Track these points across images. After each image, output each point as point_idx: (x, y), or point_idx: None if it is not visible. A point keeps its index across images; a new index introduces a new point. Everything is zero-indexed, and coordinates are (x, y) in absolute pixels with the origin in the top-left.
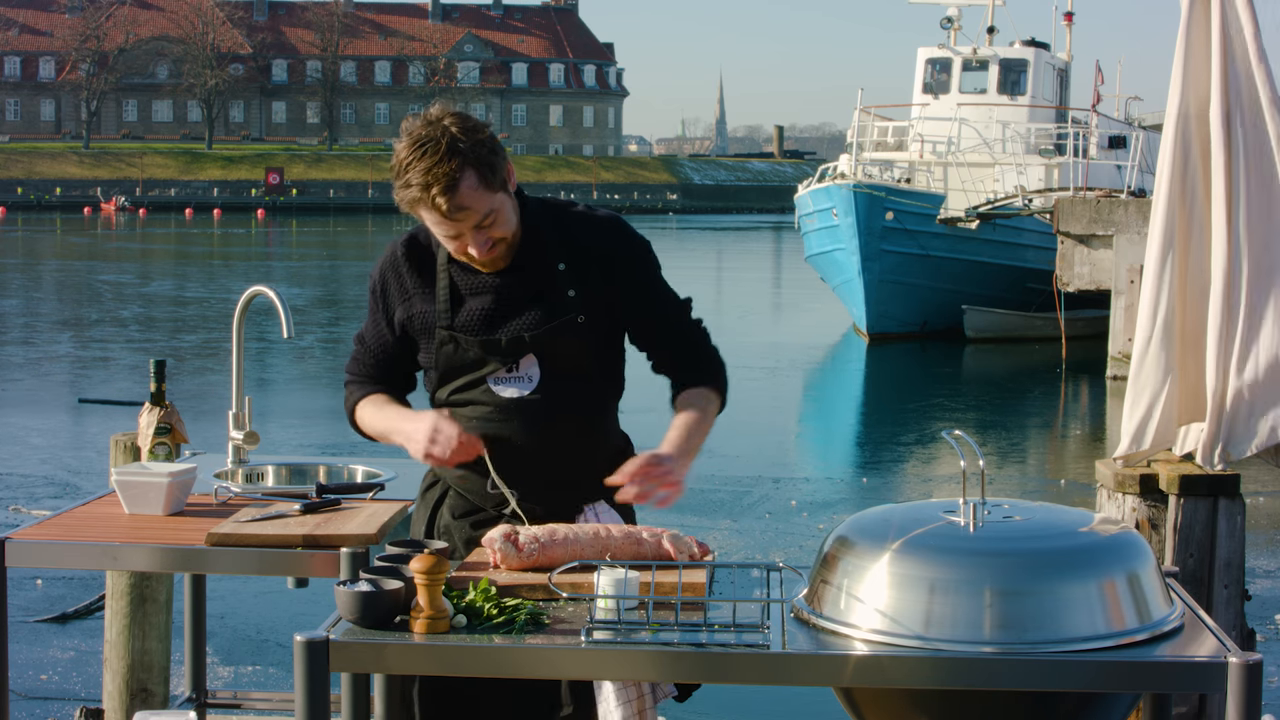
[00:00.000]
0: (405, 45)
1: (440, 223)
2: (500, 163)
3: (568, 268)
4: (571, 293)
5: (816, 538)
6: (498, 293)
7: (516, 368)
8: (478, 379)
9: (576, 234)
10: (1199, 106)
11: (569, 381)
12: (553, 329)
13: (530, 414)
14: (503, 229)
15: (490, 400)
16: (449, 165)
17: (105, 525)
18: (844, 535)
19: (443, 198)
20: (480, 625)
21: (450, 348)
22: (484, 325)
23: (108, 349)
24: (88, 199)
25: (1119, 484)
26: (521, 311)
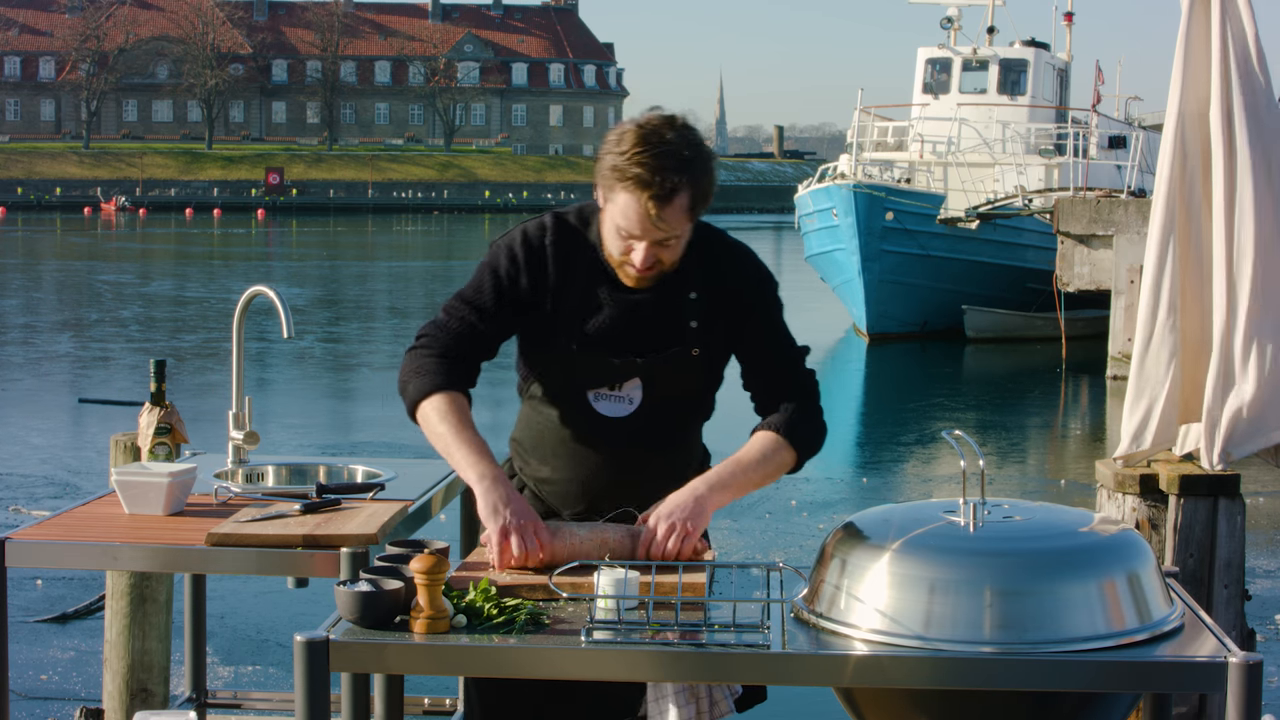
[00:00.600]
0: (405, 45)
1: (634, 220)
2: (705, 202)
3: (698, 297)
4: (694, 324)
5: (816, 538)
6: (623, 309)
7: (619, 388)
8: (579, 390)
9: (713, 259)
10: (1199, 106)
11: (668, 410)
12: (666, 359)
13: (623, 435)
14: (672, 255)
15: (586, 415)
16: (679, 178)
17: (105, 525)
18: (844, 535)
19: (654, 203)
20: (480, 625)
21: (561, 349)
22: (600, 340)
23: (108, 349)
24: (88, 199)
25: (1119, 484)
26: (641, 334)
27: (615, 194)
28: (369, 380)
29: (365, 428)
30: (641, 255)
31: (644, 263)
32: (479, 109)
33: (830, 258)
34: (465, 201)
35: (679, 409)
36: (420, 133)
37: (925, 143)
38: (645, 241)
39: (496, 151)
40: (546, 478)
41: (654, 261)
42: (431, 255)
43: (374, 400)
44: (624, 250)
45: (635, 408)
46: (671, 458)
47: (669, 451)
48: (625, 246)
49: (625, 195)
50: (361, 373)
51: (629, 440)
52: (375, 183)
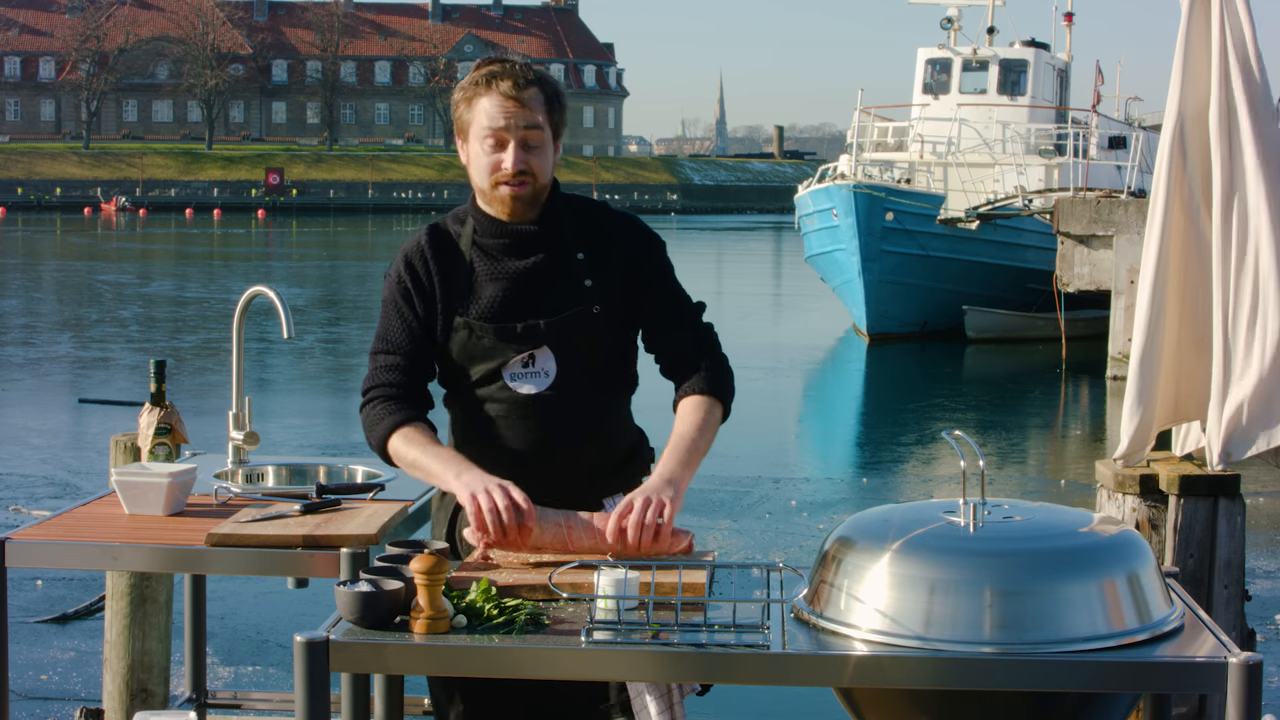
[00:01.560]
0: (405, 45)
1: (495, 113)
2: (560, 108)
3: (586, 257)
4: (588, 282)
5: (816, 538)
6: (515, 279)
7: (533, 362)
8: (493, 372)
9: (597, 225)
10: (1199, 107)
11: (586, 377)
12: (569, 317)
13: (549, 410)
14: (539, 164)
15: (508, 397)
16: (527, 72)
17: (105, 525)
18: (844, 535)
19: (508, 81)
20: (480, 625)
21: (464, 334)
22: (500, 313)
23: (108, 349)
24: (88, 199)
25: (1119, 484)
26: (538, 299)
27: (474, 109)
28: None
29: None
30: (511, 157)
31: (515, 164)
32: None
33: (830, 258)
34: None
35: (597, 375)
36: (420, 133)
37: (925, 143)
38: (513, 140)
39: None
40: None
41: (524, 166)
42: None
43: None
44: (493, 167)
45: (553, 378)
46: (602, 425)
47: (599, 420)
48: (494, 162)
49: (482, 99)
50: (361, 373)
51: (552, 413)
52: (375, 183)
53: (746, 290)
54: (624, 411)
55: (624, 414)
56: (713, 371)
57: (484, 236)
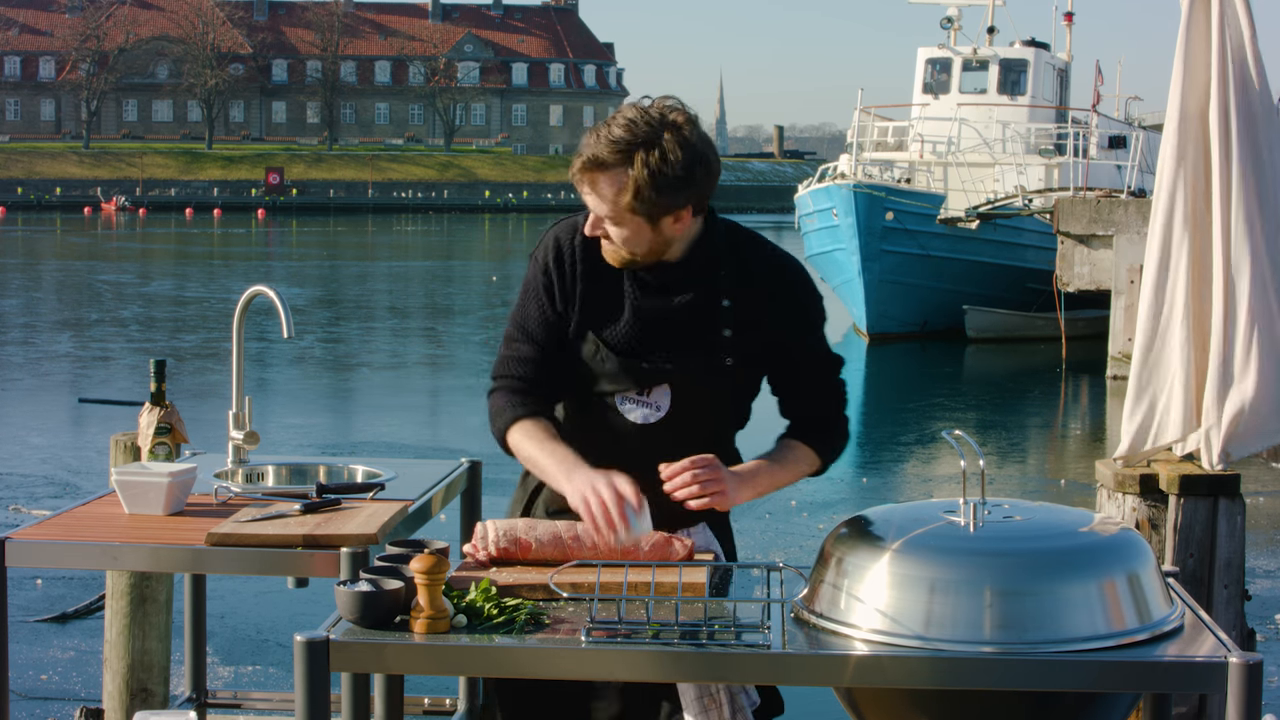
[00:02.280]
0: (405, 45)
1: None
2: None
3: (732, 305)
4: (728, 332)
5: (816, 538)
6: (655, 316)
7: (648, 393)
8: (605, 394)
9: (752, 270)
10: (1199, 107)
11: (698, 415)
12: (697, 364)
13: (651, 441)
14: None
15: (613, 422)
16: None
17: (105, 525)
18: (844, 535)
19: (582, 172)
20: (480, 625)
21: (591, 349)
22: (631, 345)
23: (108, 349)
24: (88, 199)
25: (1119, 484)
26: (673, 339)
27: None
28: (369, 380)
29: (365, 428)
30: (590, 222)
31: (590, 227)
32: (479, 109)
33: (830, 258)
34: (465, 201)
35: (709, 416)
36: (420, 133)
37: (925, 143)
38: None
39: (496, 151)
40: None
41: (599, 231)
42: (431, 255)
43: (374, 400)
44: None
45: (664, 414)
46: None
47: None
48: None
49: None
50: (361, 373)
51: (656, 446)
52: (375, 183)
53: None
54: (729, 443)
55: (728, 446)
56: (828, 427)
57: None
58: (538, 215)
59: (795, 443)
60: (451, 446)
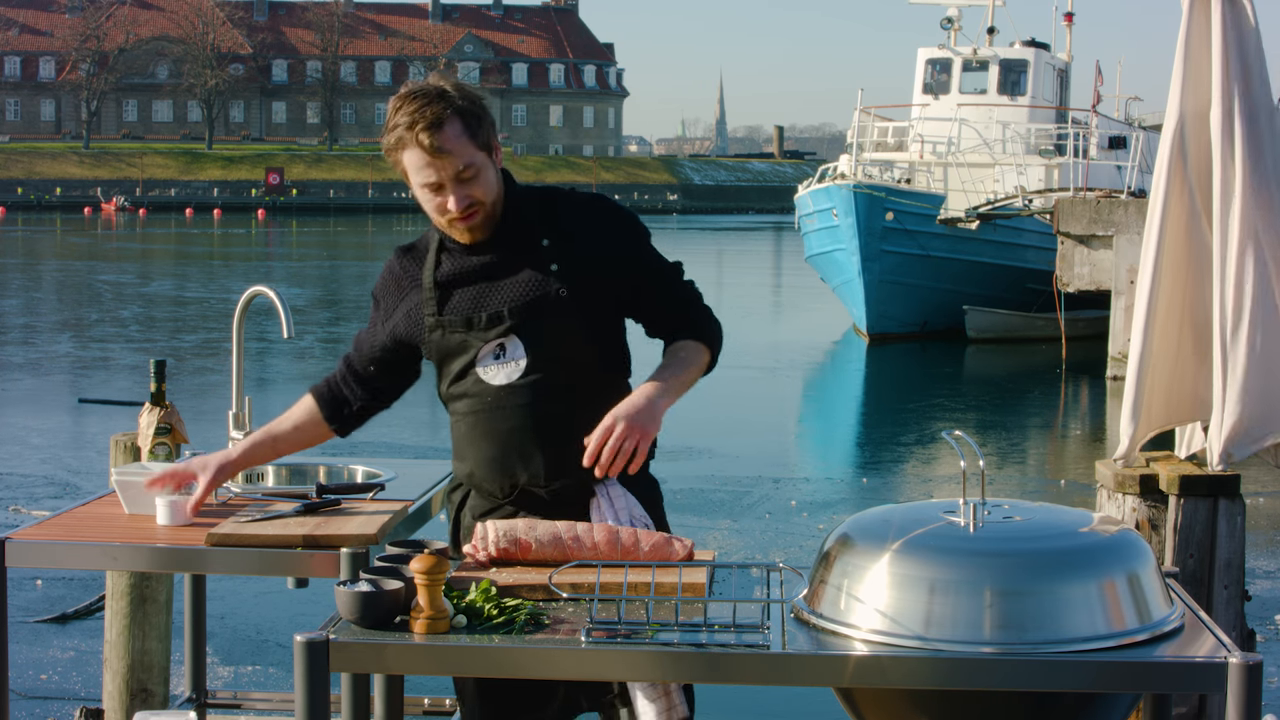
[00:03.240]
0: (405, 45)
1: (422, 166)
2: (486, 122)
3: (551, 243)
4: (554, 267)
5: (816, 538)
6: (481, 274)
7: (504, 352)
8: (466, 365)
9: (561, 210)
10: (1199, 107)
11: (559, 361)
12: (532, 303)
13: (523, 399)
14: (482, 189)
15: (481, 389)
16: (437, 108)
17: (105, 525)
18: (844, 535)
19: (425, 134)
20: (480, 625)
21: (438, 334)
22: (468, 306)
23: (108, 349)
24: (88, 199)
25: (1119, 484)
26: (504, 290)
27: (403, 162)
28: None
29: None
30: (454, 200)
31: (458, 204)
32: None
33: (830, 258)
34: None
35: (572, 359)
36: None
37: (925, 143)
38: (448, 185)
39: None
40: (471, 469)
41: (468, 201)
42: None
43: None
44: (439, 210)
45: (525, 367)
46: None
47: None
48: (439, 205)
49: (406, 152)
50: None
51: (529, 402)
52: (375, 183)
53: (747, 290)
54: (612, 392)
55: (613, 395)
56: (699, 321)
57: (451, 241)
58: None
59: (676, 342)
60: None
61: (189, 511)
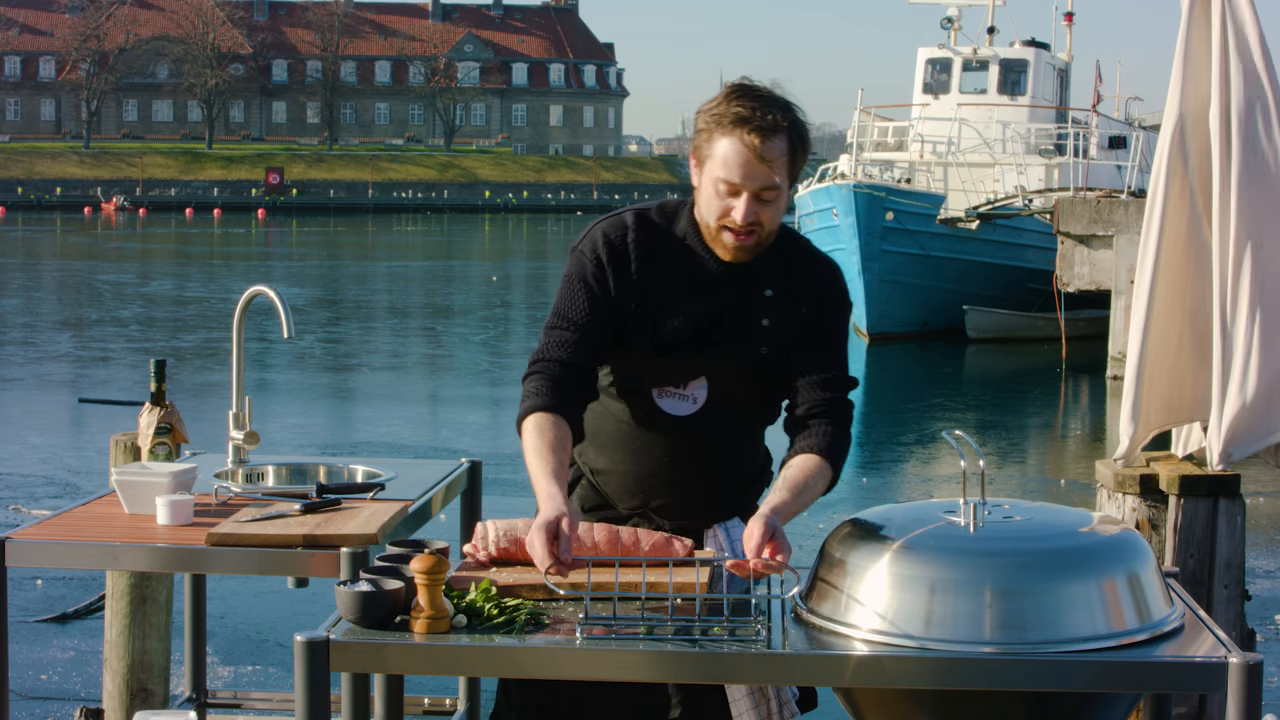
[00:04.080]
0: (405, 45)
1: (735, 164)
2: (805, 154)
3: (773, 295)
4: (765, 322)
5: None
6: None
7: (684, 386)
8: (642, 387)
9: (791, 262)
10: (1199, 107)
11: (732, 411)
12: (735, 358)
13: (686, 433)
14: (771, 216)
15: (649, 411)
16: (778, 115)
17: (105, 525)
18: (844, 535)
19: (757, 135)
20: (480, 625)
21: (636, 349)
22: (675, 342)
23: (108, 349)
24: (88, 199)
25: (1119, 484)
26: (713, 329)
27: (714, 145)
28: (369, 380)
29: (365, 428)
30: (743, 209)
31: (745, 217)
32: (479, 109)
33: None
34: (465, 201)
35: (742, 409)
36: (420, 133)
37: (925, 143)
38: (746, 192)
39: (497, 151)
40: (603, 469)
41: (754, 219)
42: (431, 255)
43: (374, 400)
44: (722, 212)
45: (699, 407)
46: (733, 455)
47: (728, 450)
48: (724, 207)
49: (725, 140)
50: (361, 373)
51: (689, 437)
52: (375, 183)
53: None
54: (759, 438)
55: (758, 440)
56: (835, 440)
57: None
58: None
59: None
60: (451, 446)
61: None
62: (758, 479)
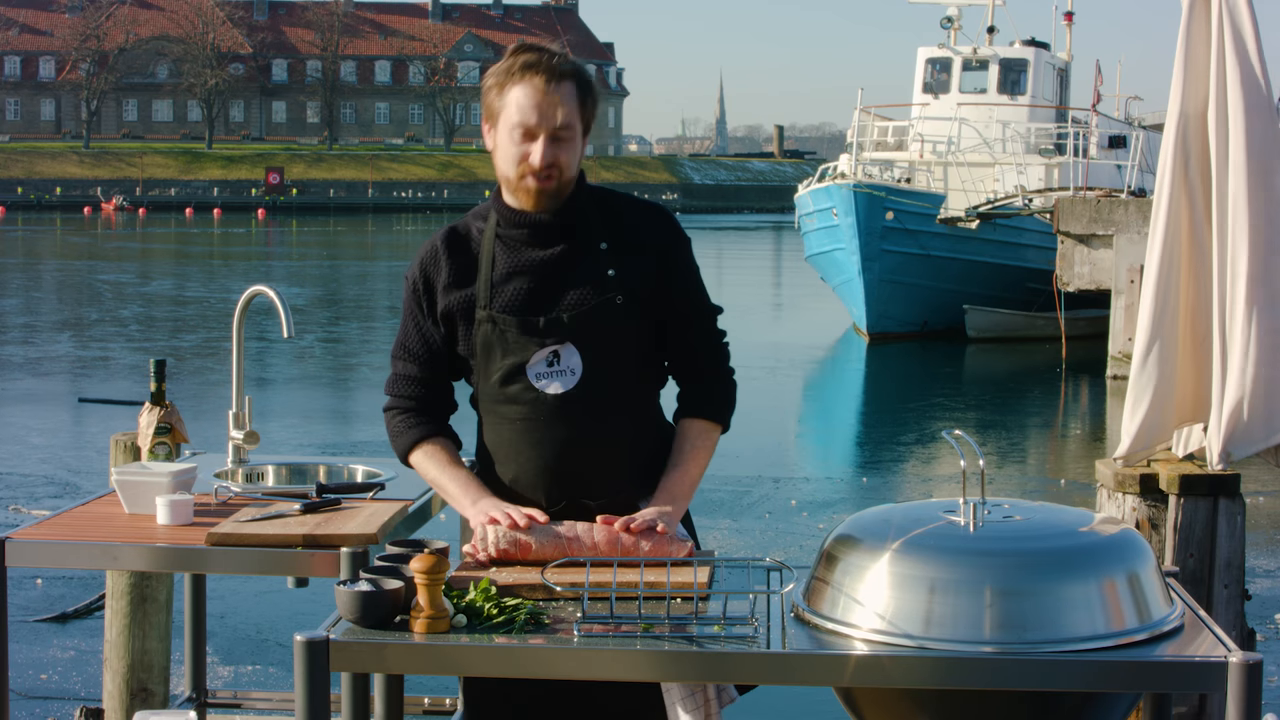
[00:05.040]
0: (405, 45)
1: (528, 106)
2: (592, 101)
3: (609, 247)
4: (611, 272)
5: (816, 538)
6: (537, 270)
7: (558, 360)
8: (517, 369)
9: (622, 215)
10: (1199, 106)
11: (612, 374)
12: (592, 309)
13: (577, 411)
14: (568, 158)
15: (533, 398)
16: (562, 60)
17: (105, 525)
18: (844, 535)
19: (543, 76)
20: (480, 625)
21: (488, 328)
22: (523, 305)
23: (108, 349)
24: (88, 199)
25: (1119, 484)
26: (561, 292)
27: (506, 97)
28: (369, 380)
29: (365, 428)
30: (540, 151)
31: (543, 159)
32: (479, 109)
33: (830, 257)
34: (465, 201)
35: (623, 372)
36: (420, 132)
37: (925, 142)
38: (542, 134)
39: None
40: (514, 476)
41: (551, 160)
42: None
43: (374, 400)
44: (520, 158)
45: (579, 377)
46: (632, 424)
47: (627, 417)
48: (521, 153)
49: (516, 88)
50: (361, 373)
51: (586, 413)
52: (375, 182)
53: (747, 290)
54: (654, 405)
55: (654, 408)
56: (716, 391)
57: (507, 228)
58: None
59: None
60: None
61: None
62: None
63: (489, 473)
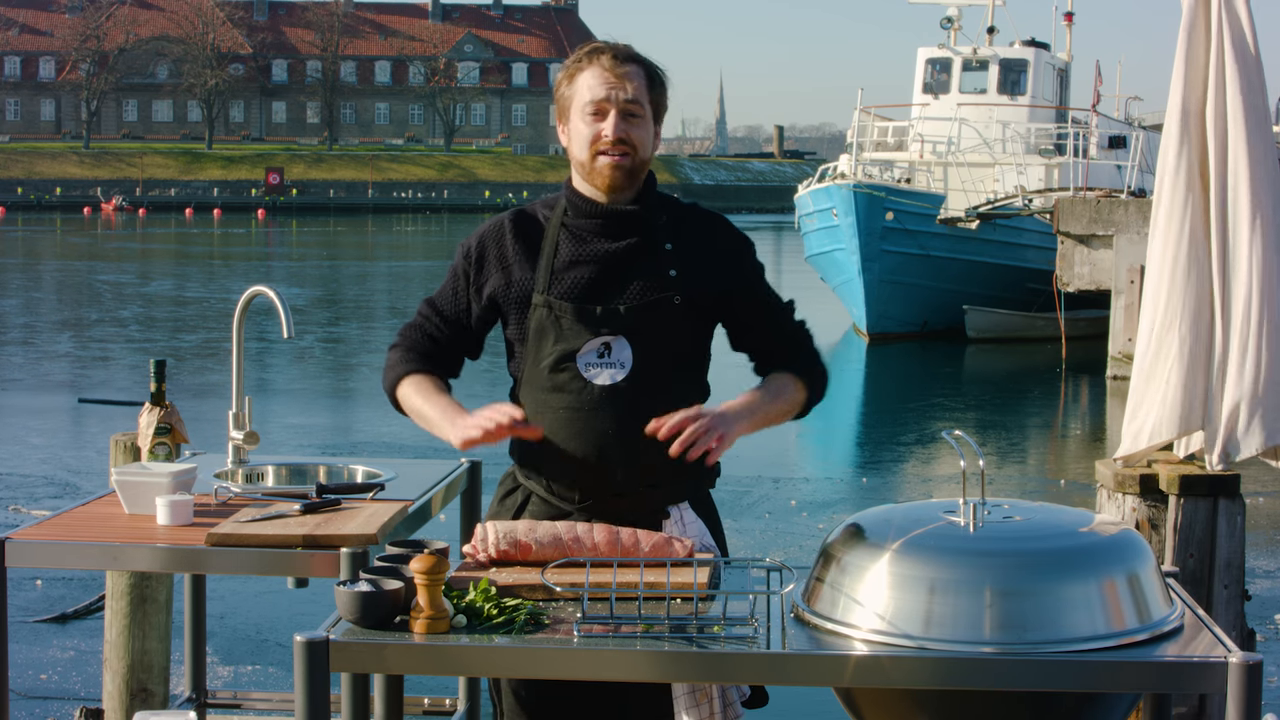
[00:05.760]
0: (405, 45)
1: (598, 85)
2: (662, 92)
3: (674, 249)
4: (673, 273)
5: (816, 538)
6: (601, 261)
7: (609, 352)
8: (568, 355)
9: (687, 220)
10: (1199, 106)
11: (662, 369)
12: (649, 305)
13: (621, 404)
14: (640, 138)
15: (581, 388)
16: (629, 49)
17: (105, 525)
18: (844, 535)
19: (612, 59)
20: (480, 625)
21: (543, 313)
22: (582, 294)
23: (108, 349)
24: (88, 199)
25: (1119, 484)
26: (621, 285)
27: (576, 84)
28: (369, 380)
29: (365, 428)
30: (612, 124)
31: (615, 130)
32: (479, 109)
33: (830, 258)
34: (465, 201)
35: (672, 370)
36: (420, 133)
37: (925, 143)
38: (614, 110)
39: (497, 151)
40: (550, 467)
41: (624, 134)
42: (431, 255)
43: (374, 400)
44: (594, 138)
45: (628, 370)
46: None
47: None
48: (595, 133)
49: (585, 73)
50: (361, 373)
51: (632, 405)
52: (375, 183)
53: None
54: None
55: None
56: (808, 362)
57: (575, 218)
58: None
59: (780, 373)
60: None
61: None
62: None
63: (525, 463)
